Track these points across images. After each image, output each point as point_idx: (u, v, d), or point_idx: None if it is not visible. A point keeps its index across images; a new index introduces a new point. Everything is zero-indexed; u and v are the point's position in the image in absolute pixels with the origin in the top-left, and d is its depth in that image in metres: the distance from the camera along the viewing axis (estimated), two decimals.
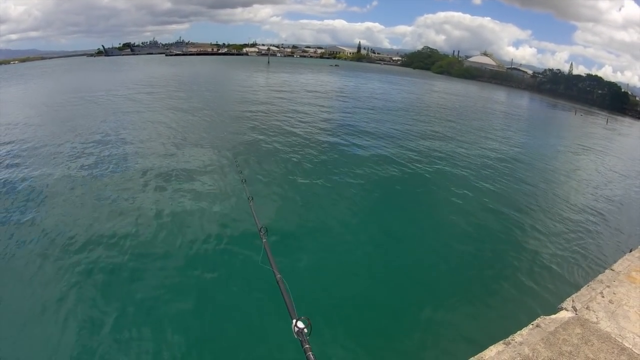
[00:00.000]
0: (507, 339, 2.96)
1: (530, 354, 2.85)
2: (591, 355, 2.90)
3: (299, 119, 21.55)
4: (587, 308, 3.22)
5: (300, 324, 1.79)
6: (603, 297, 3.36)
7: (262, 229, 2.88)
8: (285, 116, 21.92)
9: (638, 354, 2.94)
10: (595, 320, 3.15)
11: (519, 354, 2.84)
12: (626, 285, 3.56)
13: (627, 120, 56.21)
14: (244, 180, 5.29)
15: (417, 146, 17.54)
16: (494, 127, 27.40)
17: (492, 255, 8.27)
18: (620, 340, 3.05)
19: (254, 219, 3.17)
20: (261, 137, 16.58)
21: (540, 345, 2.93)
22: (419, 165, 14.30)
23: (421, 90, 50.66)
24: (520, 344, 2.93)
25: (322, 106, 27.02)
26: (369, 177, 12.31)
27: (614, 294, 3.43)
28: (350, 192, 10.98)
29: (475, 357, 2.84)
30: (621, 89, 74.88)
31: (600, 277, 3.63)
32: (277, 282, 2.22)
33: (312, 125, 19.83)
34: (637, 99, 73.97)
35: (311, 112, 24.11)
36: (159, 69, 58.43)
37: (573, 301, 3.28)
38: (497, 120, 31.14)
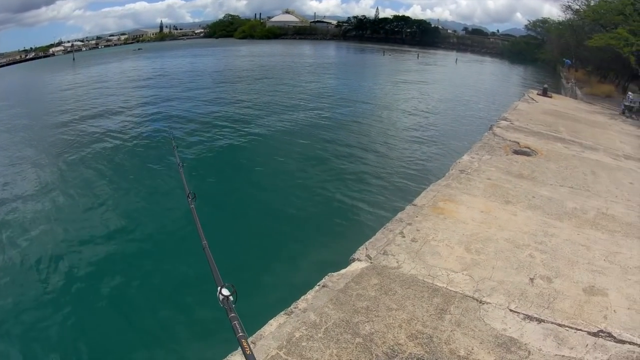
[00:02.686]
0: (289, 309, 2.44)
1: (318, 320, 2.36)
2: (394, 306, 2.51)
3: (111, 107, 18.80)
4: (384, 253, 2.83)
5: (225, 291, 1.63)
6: (404, 237, 3.02)
7: (190, 194, 2.69)
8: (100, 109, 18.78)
9: (455, 292, 2.62)
10: (395, 265, 2.79)
11: (304, 322, 2.33)
12: (432, 219, 3.31)
13: (440, 52, 62.25)
14: (175, 147, 4.58)
15: (236, 111, 16.78)
16: (304, 79, 26.87)
17: (286, 214, 7.67)
18: (430, 281, 2.70)
19: (184, 185, 2.95)
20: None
21: (328, 307, 2.46)
22: (243, 129, 13.61)
23: (227, 56, 49.18)
24: (305, 310, 2.42)
25: (129, 95, 23.23)
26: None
27: (418, 230, 3.14)
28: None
29: (254, 335, 2.24)
30: (431, 25, 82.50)
31: (399, 215, 3.27)
32: (203, 249, 2.05)
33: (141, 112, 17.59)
34: (449, 31, 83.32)
35: (121, 101, 20.59)
36: None
37: (367, 249, 2.85)
38: (306, 73, 30.93)
